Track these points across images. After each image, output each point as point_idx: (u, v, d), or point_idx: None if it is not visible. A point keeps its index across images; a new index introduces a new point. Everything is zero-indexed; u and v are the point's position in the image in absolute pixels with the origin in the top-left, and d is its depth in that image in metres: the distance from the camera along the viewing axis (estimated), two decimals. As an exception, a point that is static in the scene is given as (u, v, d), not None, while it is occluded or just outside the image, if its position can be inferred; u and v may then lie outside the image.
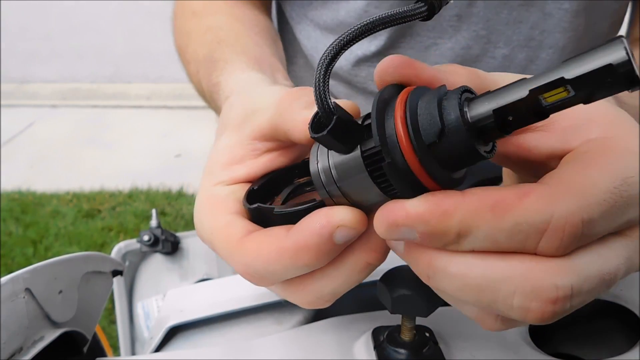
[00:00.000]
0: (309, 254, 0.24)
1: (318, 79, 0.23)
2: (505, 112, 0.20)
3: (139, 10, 4.25)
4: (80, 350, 0.40)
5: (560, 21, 0.54)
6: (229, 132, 0.32)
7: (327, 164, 0.25)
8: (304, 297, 0.28)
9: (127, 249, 0.79)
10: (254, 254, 0.26)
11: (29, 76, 3.62)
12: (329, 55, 0.22)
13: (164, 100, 3.23)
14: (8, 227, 2.17)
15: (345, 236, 0.24)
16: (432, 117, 0.21)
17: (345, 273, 0.26)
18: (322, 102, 0.23)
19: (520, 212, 0.20)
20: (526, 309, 0.20)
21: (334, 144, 0.23)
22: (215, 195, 0.30)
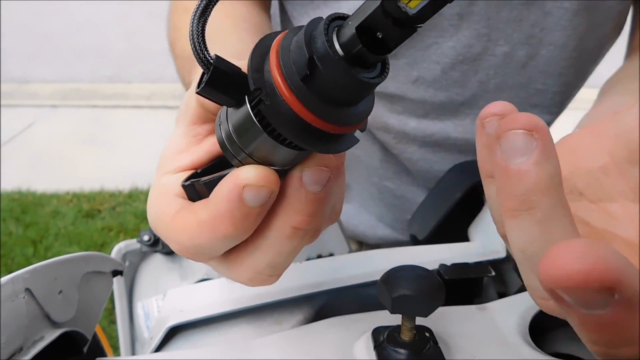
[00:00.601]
0: (224, 223, 0.24)
1: (192, 27, 0.22)
2: (369, 28, 0.18)
3: (139, 10, 4.25)
4: (80, 350, 0.40)
5: (560, 19, 0.54)
6: (177, 126, 0.32)
7: (227, 127, 0.24)
8: (244, 274, 0.27)
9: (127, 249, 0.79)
10: (180, 230, 0.26)
11: (29, 76, 3.62)
12: (202, 10, 0.22)
13: (164, 100, 3.24)
14: (8, 227, 2.17)
15: (255, 196, 0.23)
16: (300, 50, 0.20)
17: (275, 242, 0.25)
18: (198, 51, 0.22)
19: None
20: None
21: (220, 97, 0.22)
22: (162, 184, 0.30)
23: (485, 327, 0.37)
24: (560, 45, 0.56)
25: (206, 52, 0.22)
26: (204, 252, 0.26)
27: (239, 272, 0.27)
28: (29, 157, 2.74)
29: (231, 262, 0.27)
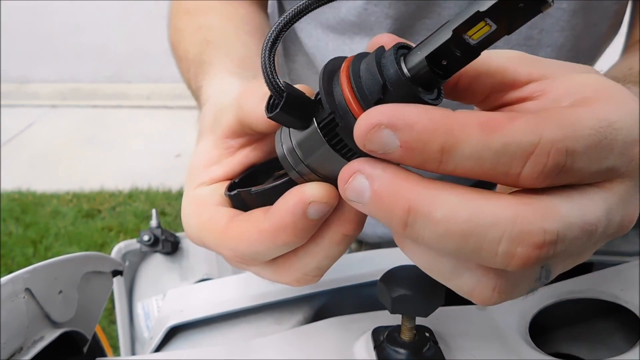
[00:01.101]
0: (286, 233, 0.25)
1: (264, 59, 0.24)
2: (437, 56, 0.21)
3: (139, 10, 4.24)
4: (80, 350, 0.40)
5: (559, 20, 0.54)
6: (203, 137, 0.34)
7: (291, 144, 0.26)
8: (292, 275, 0.29)
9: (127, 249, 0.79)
10: (237, 238, 0.27)
11: (29, 76, 3.62)
12: (273, 34, 0.23)
13: (164, 100, 3.23)
14: (8, 227, 2.17)
15: (318, 211, 0.25)
16: (373, 76, 0.22)
17: (325, 247, 0.27)
18: (271, 80, 0.24)
19: (509, 132, 0.19)
20: (511, 254, 0.19)
21: (290, 120, 0.24)
22: (198, 195, 0.31)
23: (485, 327, 0.37)
24: (558, 46, 0.56)
25: (278, 80, 0.24)
26: (259, 258, 0.28)
27: (287, 274, 0.29)
28: (29, 157, 2.74)
29: (279, 266, 0.29)
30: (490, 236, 0.19)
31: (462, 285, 0.22)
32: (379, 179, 0.21)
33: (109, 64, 3.73)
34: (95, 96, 3.37)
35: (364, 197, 0.21)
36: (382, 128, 0.20)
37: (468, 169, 0.20)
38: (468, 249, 0.20)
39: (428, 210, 0.20)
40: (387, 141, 0.20)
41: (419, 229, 0.20)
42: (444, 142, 0.19)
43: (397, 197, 0.20)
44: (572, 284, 0.40)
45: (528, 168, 0.19)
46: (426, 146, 0.19)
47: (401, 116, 0.20)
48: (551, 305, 0.38)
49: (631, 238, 0.51)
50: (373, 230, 0.70)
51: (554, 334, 0.42)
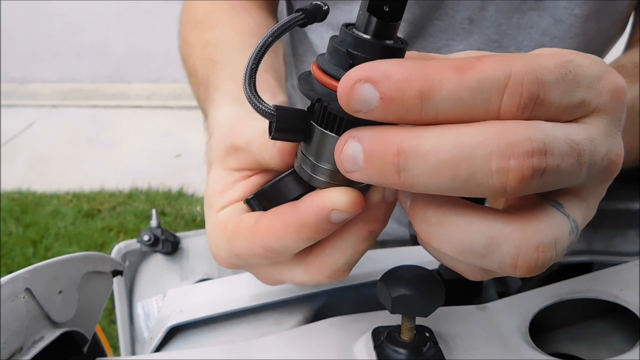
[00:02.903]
0: (310, 230, 0.26)
1: (246, 91, 0.26)
2: (377, 5, 0.22)
3: (139, 10, 4.25)
4: (80, 350, 0.40)
5: (571, 27, 0.54)
6: (214, 167, 0.35)
7: (303, 154, 0.27)
8: (322, 273, 0.30)
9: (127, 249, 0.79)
10: (266, 232, 0.28)
11: (29, 76, 3.62)
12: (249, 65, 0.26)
13: (164, 100, 3.23)
14: (8, 227, 2.17)
15: (340, 218, 0.26)
16: (336, 52, 0.24)
17: (353, 244, 0.28)
18: (258, 109, 0.26)
19: (482, 69, 0.20)
20: (505, 169, 0.20)
21: (291, 135, 0.26)
22: (220, 218, 0.33)
23: (485, 327, 0.37)
24: None
25: (264, 106, 0.26)
26: (288, 251, 0.29)
27: (317, 271, 0.30)
28: (29, 157, 2.74)
29: (309, 264, 0.30)
30: (480, 155, 0.20)
31: (504, 255, 0.22)
32: (367, 136, 0.22)
33: (108, 64, 3.73)
34: (95, 96, 3.37)
35: (359, 161, 0.22)
36: (362, 83, 0.21)
37: (449, 112, 0.20)
38: (463, 176, 0.20)
39: (415, 145, 0.21)
40: (368, 95, 0.21)
41: (412, 169, 0.21)
42: (421, 87, 0.20)
43: (386, 145, 0.21)
44: (572, 284, 0.40)
45: (506, 100, 0.20)
46: (405, 94, 0.20)
47: (377, 68, 0.21)
48: (551, 305, 0.38)
49: (631, 238, 0.51)
50: None
51: (554, 334, 0.42)
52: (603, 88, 0.23)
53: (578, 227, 0.23)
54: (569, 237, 0.23)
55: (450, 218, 0.22)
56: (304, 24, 0.26)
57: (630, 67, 0.43)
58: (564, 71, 0.21)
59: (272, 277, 0.33)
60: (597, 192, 0.25)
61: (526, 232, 0.21)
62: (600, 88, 0.23)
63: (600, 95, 0.23)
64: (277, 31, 0.26)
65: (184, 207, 2.26)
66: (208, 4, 0.58)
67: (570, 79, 0.21)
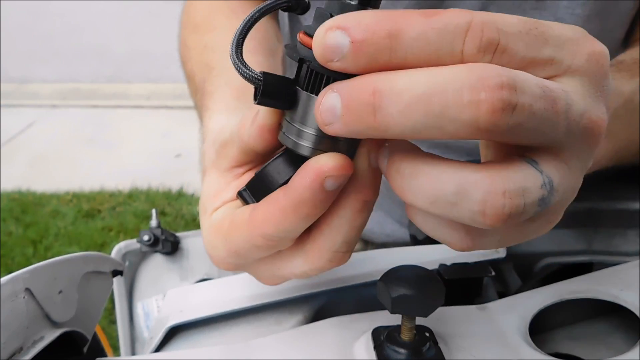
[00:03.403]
0: (307, 206, 0.26)
1: (232, 58, 0.26)
2: None
3: (139, 10, 4.24)
4: (80, 350, 0.40)
5: None
6: (208, 172, 0.35)
7: (288, 122, 0.27)
8: (323, 256, 0.29)
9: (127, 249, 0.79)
10: (262, 222, 0.28)
11: (29, 76, 3.62)
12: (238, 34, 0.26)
13: (164, 100, 3.23)
14: (8, 227, 2.17)
15: (335, 183, 0.26)
16: (321, 16, 0.24)
17: (349, 218, 0.28)
18: (244, 73, 0.26)
19: (446, 15, 0.22)
20: (476, 102, 0.20)
21: (276, 101, 0.26)
22: (214, 219, 0.33)
23: (485, 327, 0.37)
24: None
25: (251, 71, 0.26)
26: (287, 235, 0.29)
27: (318, 256, 0.29)
28: (29, 157, 2.74)
29: (308, 250, 0.30)
30: (451, 89, 0.21)
31: (473, 203, 0.22)
32: (344, 85, 0.23)
33: (109, 64, 3.73)
34: (95, 96, 3.37)
35: (337, 111, 0.23)
36: (333, 30, 0.22)
37: (418, 54, 0.22)
38: (436, 110, 0.21)
39: (389, 85, 0.21)
40: (339, 41, 0.22)
41: (387, 108, 0.22)
42: (390, 28, 0.21)
43: (361, 87, 0.22)
44: (572, 284, 0.40)
45: (468, 43, 0.21)
46: (375, 34, 0.21)
47: (349, 16, 0.22)
48: (551, 305, 0.38)
49: (631, 238, 0.51)
50: (381, 228, 0.70)
51: (554, 334, 0.42)
52: (578, 50, 0.23)
53: (553, 186, 0.23)
54: (539, 190, 0.23)
55: (422, 168, 0.23)
56: (286, 8, 0.27)
57: (630, 62, 0.43)
58: (528, 27, 0.23)
59: (272, 274, 0.33)
60: (581, 156, 0.25)
61: (494, 179, 0.22)
62: (574, 50, 0.23)
63: (574, 57, 0.23)
64: (263, 8, 0.26)
65: (184, 207, 2.26)
66: (207, 6, 0.57)
67: (536, 34, 0.23)
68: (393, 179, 0.24)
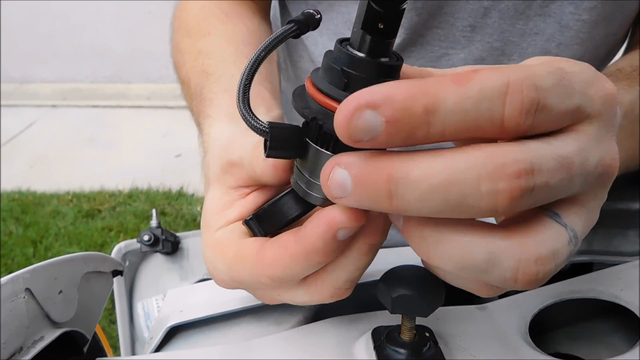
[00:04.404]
0: (318, 255, 0.27)
1: (240, 110, 0.26)
2: (370, 22, 0.22)
3: (139, 10, 4.24)
4: (80, 350, 0.40)
5: (579, 32, 0.52)
6: (212, 186, 0.35)
7: (299, 170, 0.27)
8: (325, 292, 0.30)
9: (127, 249, 0.79)
10: (271, 263, 0.28)
11: (29, 76, 3.62)
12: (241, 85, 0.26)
13: (164, 100, 3.23)
14: (8, 227, 2.17)
15: (346, 235, 0.26)
16: (331, 69, 0.24)
17: (354, 259, 0.28)
18: (253, 126, 0.25)
19: (480, 79, 0.20)
20: (495, 192, 0.20)
21: (286, 152, 0.26)
22: (219, 238, 0.33)
23: (485, 327, 0.37)
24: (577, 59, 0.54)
25: (258, 123, 0.25)
26: (295, 278, 0.29)
27: (319, 291, 0.30)
28: (29, 157, 2.74)
29: (310, 284, 0.30)
30: (469, 179, 0.20)
31: (505, 270, 0.22)
32: (355, 164, 0.21)
33: (109, 64, 3.73)
34: (95, 96, 3.37)
35: (347, 188, 0.22)
36: (362, 110, 0.20)
37: (455, 125, 0.20)
38: (454, 199, 0.20)
39: (405, 172, 0.20)
40: (371, 122, 0.20)
41: (403, 195, 0.21)
42: (426, 102, 0.20)
43: (376, 172, 0.21)
44: (572, 284, 0.40)
45: (509, 107, 0.20)
46: (411, 111, 0.20)
47: (378, 92, 0.20)
48: (551, 305, 0.38)
49: (631, 238, 0.51)
50: None
51: (554, 334, 0.42)
52: (595, 94, 0.23)
53: (577, 236, 0.23)
54: (567, 247, 0.23)
55: (449, 236, 0.22)
56: (297, 35, 0.26)
57: (629, 70, 0.43)
58: (558, 78, 0.22)
59: (271, 298, 0.33)
60: (597, 196, 0.25)
61: (524, 246, 0.22)
62: (592, 94, 0.23)
63: (592, 102, 0.23)
64: (269, 45, 0.26)
65: (184, 207, 2.26)
66: (200, 10, 0.56)
67: (565, 84, 0.22)
68: (415, 244, 0.24)
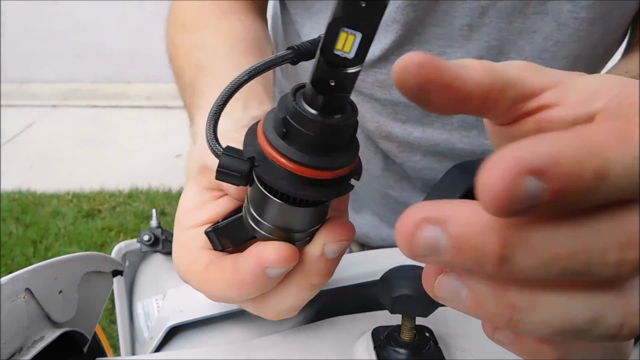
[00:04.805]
0: (249, 287, 0.28)
1: (207, 129, 0.26)
2: (321, 80, 0.22)
3: (139, 10, 4.25)
4: (80, 350, 0.40)
5: (577, 31, 0.52)
6: (189, 183, 0.36)
7: (248, 202, 0.28)
8: (268, 313, 0.32)
9: (127, 249, 0.79)
10: (212, 285, 0.31)
11: (29, 76, 3.62)
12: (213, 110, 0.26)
13: (164, 100, 3.23)
14: (8, 227, 2.17)
15: (277, 272, 0.27)
16: (276, 117, 0.24)
17: (294, 292, 0.30)
18: (210, 145, 0.26)
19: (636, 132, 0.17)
20: (622, 260, 0.17)
21: (232, 179, 0.26)
22: (185, 239, 0.34)
23: (485, 327, 0.37)
24: (574, 57, 0.54)
25: (216, 148, 0.26)
26: (235, 301, 0.32)
27: (265, 311, 0.32)
28: (29, 157, 2.74)
29: (257, 305, 0.32)
30: (598, 248, 0.17)
31: (609, 328, 0.19)
32: (455, 221, 0.18)
33: (109, 64, 3.73)
34: (95, 96, 3.37)
35: (439, 248, 0.18)
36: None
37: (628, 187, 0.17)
38: (576, 269, 0.18)
39: (526, 237, 0.17)
40: (532, 191, 0.16)
41: (518, 262, 0.17)
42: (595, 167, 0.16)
43: (485, 234, 0.17)
44: (572, 284, 0.40)
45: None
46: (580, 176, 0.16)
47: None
48: (551, 305, 0.38)
49: (631, 238, 0.51)
50: (377, 232, 0.70)
51: (554, 334, 0.42)
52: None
53: None
54: None
55: (543, 299, 0.19)
56: (293, 62, 0.26)
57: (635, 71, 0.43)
58: None
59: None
60: None
61: (629, 299, 0.19)
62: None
63: None
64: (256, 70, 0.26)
65: (184, 207, 2.25)
66: (196, 6, 0.57)
67: None
68: (496, 316, 0.20)
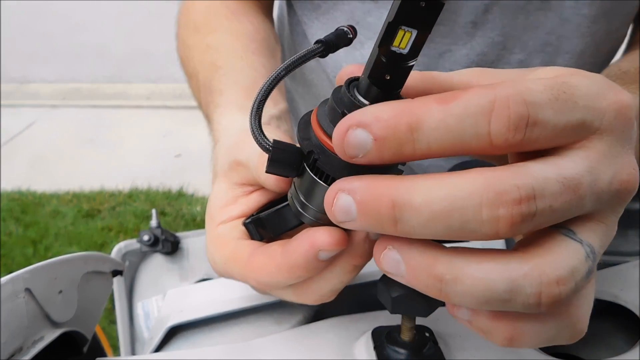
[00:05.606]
0: (300, 270, 0.29)
1: (251, 124, 0.27)
2: (378, 74, 0.23)
3: (139, 10, 4.25)
4: (80, 350, 0.40)
5: (579, 27, 0.53)
6: (219, 179, 0.37)
7: (295, 190, 0.28)
8: (310, 297, 0.32)
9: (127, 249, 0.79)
10: (259, 270, 0.31)
11: (29, 76, 3.62)
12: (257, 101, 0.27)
13: (164, 100, 3.24)
14: (8, 227, 2.17)
15: (328, 255, 0.28)
16: (333, 110, 0.24)
17: (338, 275, 0.30)
18: (259, 141, 0.27)
19: (465, 97, 0.21)
20: (496, 218, 0.20)
21: (283, 171, 0.27)
22: (219, 233, 0.35)
23: (485, 327, 0.37)
24: (577, 53, 0.54)
25: (264, 140, 0.27)
26: (281, 286, 0.31)
27: (305, 296, 0.32)
28: (29, 157, 2.74)
29: (298, 290, 0.32)
30: (471, 206, 0.20)
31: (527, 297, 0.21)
32: (359, 189, 0.22)
33: (109, 64, 3.73)
34: (95, 96, 3.37)
35: (352, 213, 0.22)
36: (354, 129, 0.22)
37: (440, 142, 0.21)
38: (457, 225, 0.21)
39: (408, 199, 0.21)
40: (361, 139, 0.21)
41: (408, 221, 0.21)
42: (410, 121, 0.21)
43: (380, 198, 0.21)
44: (572, 284, 0.40)
45: (494, 123, 0.20)
46: (396, 129, 0.21)
47: (366, 112, 0.22)
48: (551, 305, 0.38)
49: (631, 238, 0.51)
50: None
51: (554, 334, 0.42)
52: (606, 107, 0.22)
53: (595, 251, 0.23)
54: (585, 264, 0.22)
55: (465, 271, 0.21)
56: (322, 55, 0.27)
57: (633, 71, 0.43)
58: (556, 92, 0.21)
59: (264, 291, 0.35)
60: (615, 210, 0.24)
61: (543, 268, 0.21)
62: (602, 107, 0.22)
63: (603, 115, 0.22)
64: (292, 65, 0.27)
65: (184, 207, 2.26)
66: (206, 7, 0.58)
67: (565, 98, 0.21)
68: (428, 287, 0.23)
